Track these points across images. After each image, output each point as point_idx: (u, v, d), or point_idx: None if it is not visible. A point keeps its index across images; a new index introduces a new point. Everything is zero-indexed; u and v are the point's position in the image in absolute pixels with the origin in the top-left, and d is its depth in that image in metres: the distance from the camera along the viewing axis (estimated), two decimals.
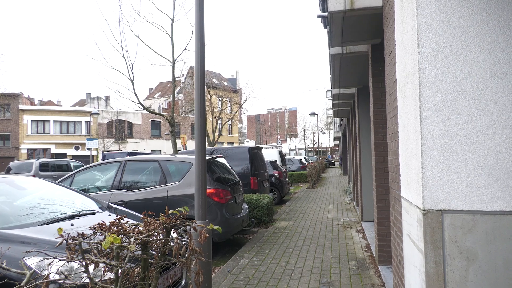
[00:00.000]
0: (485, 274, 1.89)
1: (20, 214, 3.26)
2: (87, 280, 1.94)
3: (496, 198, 1.91)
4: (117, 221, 2.18)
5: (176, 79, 16.37)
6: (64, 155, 36.49)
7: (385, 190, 4.72)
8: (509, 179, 1.91)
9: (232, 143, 46.95)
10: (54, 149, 37.30)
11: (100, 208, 3.88)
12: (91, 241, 2.07)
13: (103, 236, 2.02)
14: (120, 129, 40.31)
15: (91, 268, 1.96)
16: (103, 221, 2.21)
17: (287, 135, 67.81)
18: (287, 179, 13.78)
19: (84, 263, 1.93)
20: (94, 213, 3.62)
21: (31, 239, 2.70)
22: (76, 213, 3.50)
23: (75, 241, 1.97)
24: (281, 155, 16.60)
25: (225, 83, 45.61)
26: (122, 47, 13.91)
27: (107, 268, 2.00)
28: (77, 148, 38.37)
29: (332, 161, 48.11)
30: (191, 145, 34.37)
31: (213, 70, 49.35)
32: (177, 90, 24.04)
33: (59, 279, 1.94)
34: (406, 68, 2.34)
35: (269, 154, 15.37)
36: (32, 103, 44.39)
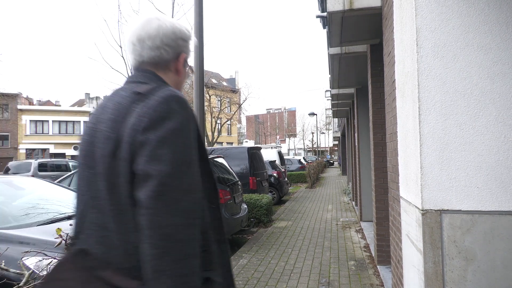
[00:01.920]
0: (483, 274, 1.90)
1: (18, 214, 3.26)
2: None
3: (495, 198, 1.92)
4: None
5: None
6: (63, 155, 36.43)
7: (384, 190, 4.72)
8: (508, 179, 1.91)
9: (231, 143, 46.93)
10: (52, 149, 37.24)
11: None
12: None
13: None
14: None
15: None
16: None
17: (286, 135, 67.84)
18: (286, 179, 13.78)
19: None
20: None
21: (30, 239, 2.69)
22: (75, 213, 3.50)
23: None
24: (280, 155, 16.60)
25: (224, 83, 45.59)
26: (121, 47, 13.90)
27: None
28: (76, 148, 38.29)
29: (331, 161, 48.01)
30: None
31: (212, 70, 49.34)
32: None
33: None
34: (405, 68, 2.34)
35: (268, 154, 15.36)
36: (30, 103, 44.31)
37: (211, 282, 0.95)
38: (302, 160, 24.53)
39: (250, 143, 56.13)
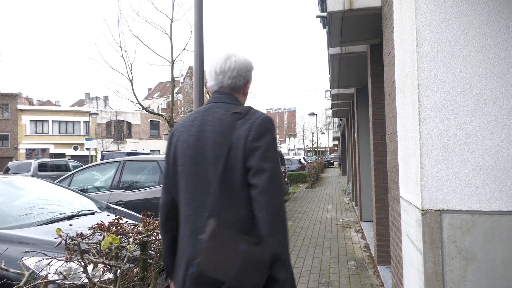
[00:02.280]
0: (483, 274, 1.90)
1: (18, 214, 3.26)
2: (86, 281, 1.94)
3: (495, 198, 1.92)
4: (116, 221, 2.18)
5: (175, 79, 16.32)
6: (62, 155, 36.43)
7: (384, 190, 4.72)
8: (507, 179, 1.91)
9: None
10: (52, 149, 37.23)
11: (99, 208, 3.88)
12: (90, 241, 2.06)
13: (102, 236, 2.02)
14: (119, 129, 40.26)
15: (90, 268, 1.96)
16: (102, 221, 2.21)
17: (286, 135, 67.84)
18: (286, 179, 13.77)
19: (82, 263, 1.92)
20: (93, 213, 3.62)
21: (30, 239, 2.69)
22: (75, 213, 3.50)
23: (74, 241, 1.97)
24: (280, 155, 16.58)
25: None
26: (121, 47, 13.88)
27: (106, 269, 2.00)
28: (76, 148, 38.32)
29: (331, 161, 47.75)
30: None
31: None
32: (176, 90, 23.95)
33: (57, 279, 1.93)
34: (405, 68, 2.35)
35: None
36: (30, 103, 44.31)
37: None
38: (302, 160, 24.51)
39: None
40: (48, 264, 2.03)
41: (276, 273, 1.27)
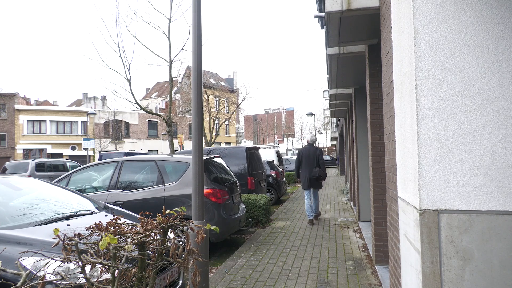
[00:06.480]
0: (481, 274, 1.90)
1: (16, 214, 3.25)
2: (84, 281, 1.94)
3: (492, 198, 1.92)
4: (114, 221, 2.17)
5: (173, 79, 16.33)
6: (60, 155, 36.31)
7: (382, 190, 4.73)
8: (505, 179, 1.92)
9: (230, 143, 46.91)
10: (50, 149, 37.11)
11: (96, 208, 3.87)
12: (87, 242, 2.06)
13: (100, 237, 2.01)
14: (117, 129, 40.17)
15: (87, 268, 1.96)
16: (99, 221, 2.21)
17: (284, 135, 67.87)
18: (284, 179, 13.78)
19: (80, 263, 1.92)
20: (90, 214, 3.61)
21: (27, 240, 2.68)
22: (72, 213, 3.49)
23: (72, 242, 1.96)
24: (278, 155, 16.60)
25: (222, 83, 45.57)
26: (119, 46, 13.90)
27: (103, 269, 1.99)
28: (73, 148, 38.21)
29: (337, 162, 46.68)
30: (188, 145, 34.32)
31: (210, 70, 49.32)
32: (174, 90, 23.96)
33: (55, 280, 1.93)
34: (402, 68, 2.35)
35: (267, 154, 15.36)
36: (28, 103, 44.14)
37: None
38: None
39: (248, 143, 56.12)
40: (46, 264, 2.02)
41: (323, 175, 8.07)
